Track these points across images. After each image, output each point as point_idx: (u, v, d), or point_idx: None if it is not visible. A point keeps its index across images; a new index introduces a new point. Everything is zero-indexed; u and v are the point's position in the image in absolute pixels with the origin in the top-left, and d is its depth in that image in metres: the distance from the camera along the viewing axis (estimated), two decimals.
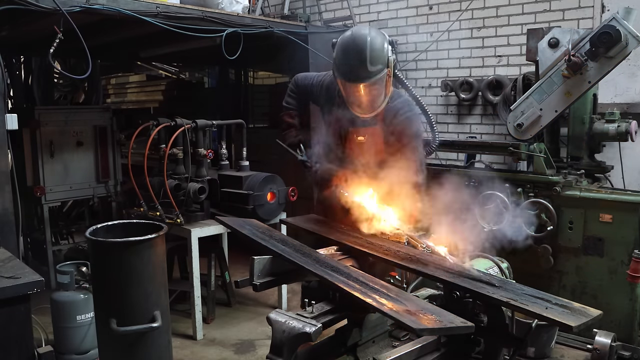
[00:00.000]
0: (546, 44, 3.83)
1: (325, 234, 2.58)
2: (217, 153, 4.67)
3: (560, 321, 1.69)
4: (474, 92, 5.37)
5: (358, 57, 2.43)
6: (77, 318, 3.60)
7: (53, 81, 6.54)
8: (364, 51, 2.42)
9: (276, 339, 1.82)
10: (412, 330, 1.58)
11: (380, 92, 2.56)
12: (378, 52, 2.44)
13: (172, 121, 4.29)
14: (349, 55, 2.46)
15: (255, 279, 2.07)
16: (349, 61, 2.46)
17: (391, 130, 2.67)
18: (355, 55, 2.44)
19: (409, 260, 2.22)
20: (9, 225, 3.07)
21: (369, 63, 2.42)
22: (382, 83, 2.52)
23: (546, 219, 3.76)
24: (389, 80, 2.55)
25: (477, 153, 4.81)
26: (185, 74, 8.76)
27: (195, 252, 4.06)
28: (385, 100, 2.62)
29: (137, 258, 2.50)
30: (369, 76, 2.45)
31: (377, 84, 2.50)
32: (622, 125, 4.00)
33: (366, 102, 2.58)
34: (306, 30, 4.76)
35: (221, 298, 4.83)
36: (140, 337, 2.52)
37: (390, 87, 2.61)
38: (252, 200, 4.20)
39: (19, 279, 2.12)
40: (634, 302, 3.55)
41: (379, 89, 2.54)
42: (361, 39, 2.44)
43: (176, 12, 3.80)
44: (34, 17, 3.40)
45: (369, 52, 2.42)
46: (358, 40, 2.45)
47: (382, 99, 2.60)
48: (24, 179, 4.99)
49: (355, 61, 2.43)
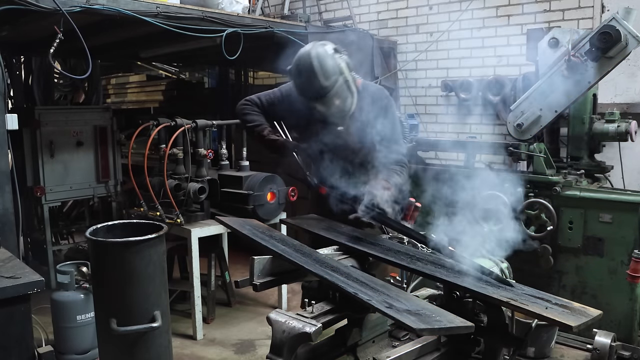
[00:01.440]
0: (546, 44, 3.83)
1: (325, 233, 2.58)
2: (217, 153, 4.67)
3: (560, 321, 1.69)
4: (474, 92, 5.37)
5: (310, 76, 2.52)
6: (77, 318, 3.61)
7: (53, 81, 6.53)
8: (313, 69, 2.50)
9: (276, 339, 1.81)
10: (412, 330, 1.58)
11: (345, 96, 2.63)
12: (327, 65, 2.52)
13: (172, 121, 4.29)
14: (302, 76, 2.56)
15: (255, 279, 2.07)
16: (304, 83, 2.57)
17: (370, 114, 2.73)
18: (308, 76, 2.53)
19: (409, 260, 2.22)
20: (9, 225, 3.07)
21: (323, 78, 2.51)
22: (344, 89, 2.60)
23: (546, 219, 3.76)
24: (349, 83, 2.62)
25: (477, 153, 4.82)
26: (185, 74, 8.75)
27: (195, 252, 4.06)
28: (354, 101, 2.69)
29: (137, 258, 2.50)
30: (327, 90, 2.53)
31: (339, 92, 2.58)
32: (622, 125, 4.00)
33: (336, 111, 2.65)
34: (306, 30, 4.75)
35: (221, 298, 4.83)
36: (140, 337, 2.52)
37: (353, 88, 2.67)
38: (252, 200, 4.20)
39: (19, 279, 2.12)
40: (634, 302, 3.55)
41: (342, 96, 2.62)
42: (307, 59, 2.53)
43: (176, 12, 3.79)
44: (34, 17, 3.40)
45: (319, 69, 2.50)
46: (305, 61, 2.54)
47: (350, 101, 2.68)
48: (24, 179, 4.99)
49: (310, 81, 2.53)
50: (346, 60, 2.62)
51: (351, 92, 2.66)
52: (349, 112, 2.69)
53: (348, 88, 2.63)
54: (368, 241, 2.47)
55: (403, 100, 6.02)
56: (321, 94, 2.55)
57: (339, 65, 2.56)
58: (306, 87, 2.58)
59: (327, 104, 2.60)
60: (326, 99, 2.56)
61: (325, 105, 2.61)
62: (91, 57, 3.30)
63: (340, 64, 2.56)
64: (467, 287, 1.96)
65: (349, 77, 2.61)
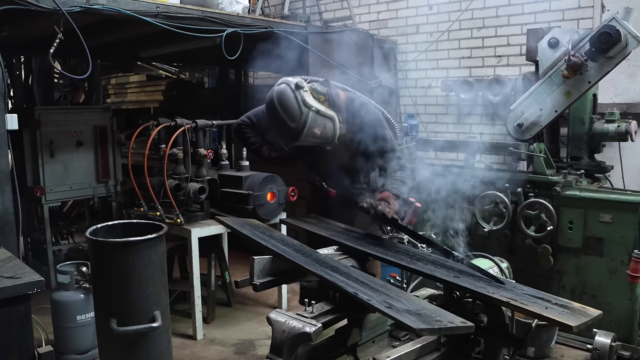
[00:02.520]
0: (546, 44, 3.83)
1: (325, 233, 2.58)
2: (217, 153, 4.67)
3: (560, 321, 1.70)
4: (474, 92, 5.37)
5: (279, 123, 2.54)
6: (77, 318, 3.61)
7: (53, 81, 6.53)
8: (280, 116, 2.51)
9: (276, 339, 1.82)
10: (412, 330, 1.58)
11: (322, 124, 2.57)
12: (291, 108, 2.49)
13: (172, 121, 4.29)
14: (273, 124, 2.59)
15: (255, 279, 2.07)
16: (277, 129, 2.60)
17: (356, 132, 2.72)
18: (277, 123, 2.55)
19: (408, 260, 2.23)
20: (9, 225, 3.07)
21: (290, 122, 2.50)
22: (317, 119, 2.54)
23: (546, 219, 3.76)
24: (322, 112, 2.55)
25: (477, 153, 4.82)
26: (185, 74, 8.75)
27: (195, 252, 4.06)
28: (335, 124, 2.61)
29: (137, 258, 2.50)
30: (298, 130, 2.51)
31: (313, 125, 2.53)
32: (622, 125, 4.01)
33: (320, 139, 2.62)
34: (306, 30, 4.75)
35: (221, 298, 4.83)
36: (140, 337, 2.52)
37: (330, 112, 2.59)
38: (252, 200, 4.20)
39: (19, 279, 2.12)
40: (634, 302, 3.55)
41: (319, 124, 2.56)
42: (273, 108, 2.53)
43: (176, 12, 3.79)
44: (34, 17, 3.40)
45: (284, 115, 2.50)
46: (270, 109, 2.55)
47: (331, 125, 2.60)
48: (24, 179, 4.98)
49: (281, 128, 2.55)
50: (312, 89, 2.56)
51: (329, 117, 2.58)
52: (334, 135, 2.62)
53: (324, 116, 2.56)
54: (368, 241, 2.47)
55: (403, 100, 6.03)
56: (295, 136, 2.53)
57: (304, 101, 2.49)
58: (280, 133, 2.60)
59: (307, 138, 2.57)
60: (303, 136, 2.53)
61: (306, 140, 2.58)
62: (91, 57, 3.30)
63: (305, 99, 2.49)
64: (467, 287, 1.96)
65: (319, 107, 2.53)
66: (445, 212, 3.19)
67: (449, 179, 3.33)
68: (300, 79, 2.55)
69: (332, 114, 2.59)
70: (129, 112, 7.78)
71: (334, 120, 2.60)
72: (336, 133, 2.62)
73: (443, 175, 3.32)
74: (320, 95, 2.58)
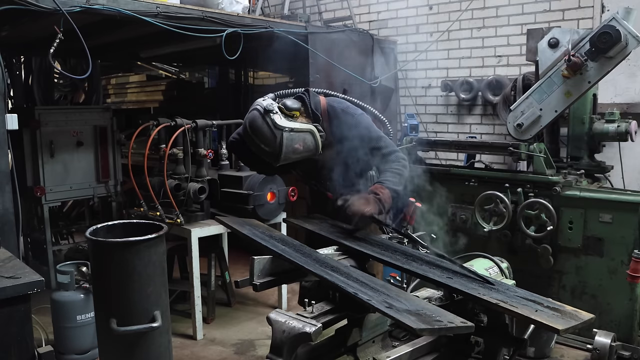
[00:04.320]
0: (546, 44, 3.83)
1: (325, 233, 2.58)
2: (217, 153, 4.67)
3: (548, 324, 1.68)
4: (474, 92, 5.37)
5: (258, 150, 2.56)
6: (77, 318, 3.61)
7: (53, 81, 6.54)
8: (256, 144, 2.53)
9: (276, 339, 1.82)
10: (412, 330, 1.58)
11: (302, 138, 2.56)
12: (263, 134, 2.49)
13: (172, 121, 4.29)
14: (255, 150, 2.58)
15: (255, 279, 2.07)
16: (260, 154, 2.58)
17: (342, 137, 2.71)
18: (256, 150, 2.57)
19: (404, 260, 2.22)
20: (9, 225, 3.07)
21: (267, 147, 2.51)
22: (294, 137, 2.53)
23: (546, 219, 3.76)
24: (298, 128, 2.54)
25: (477, 153, 4.82)
26: (185, 74, 8.75)
27: (195, 252, 4.06)
28: (316, 134, 2.60)
29: (137, 258, 2.50)
30: (276, 152, 2.51)
31: (290, 143, 2.52)
32: (622, 125, 4.00)
33: (303, 153, 2.60)
34: (306, 30, 4.75)
35: (221, 298, 4.83)
36: (140, 337, 2.52)
37: (308, 126, 2.58)
38: (252, 200, 4.20)
39: (19, 279, 2.12)
40: (634, 302, 3.55)
41: (299, 140, 2.55)
42: (248, 136, 2.55)
43: (176, 12, 3.80)
44: (34, 17, 3.40)
45: (260, 141, 2.51)
46: (247, 138, 2.57)
47: (311, 138, 2.59)
48: (24, 179, 4.98)
49: (261, 153, 2.57)
50: (283, 107, 2.54)
51: (307, 131, 2.57)
52: (316, 146, 2.61)
53: (300, 131, 2.54)
54: (367, 241, 2.47)
55: (403, 100, 6.03)
56: (275, 158, 2.54)
57: (274, 124, 2.48)
58: (263, 157, 2.59)
59: (289, 156, 2.55)
60: (284, 155, 2.52)
61: (290, 157, 2.57)
62: (91, 57, 3.30)
63: (276, 122, 2.48)
64: (458, 288, 1.95)
65: (293, 125, 2.52)
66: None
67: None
68: (270, 101, 2.53)
69: (309, 127, 2.57)
70: (129, 112, 7.78)
71: (312, 133, 2.58)
72: (318, 144, 2.60)
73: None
74: (294, 112, 2.56)
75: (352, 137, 2.69)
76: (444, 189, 3.68)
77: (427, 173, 3.31)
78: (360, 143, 2.70)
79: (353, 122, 2.72)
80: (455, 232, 4.09)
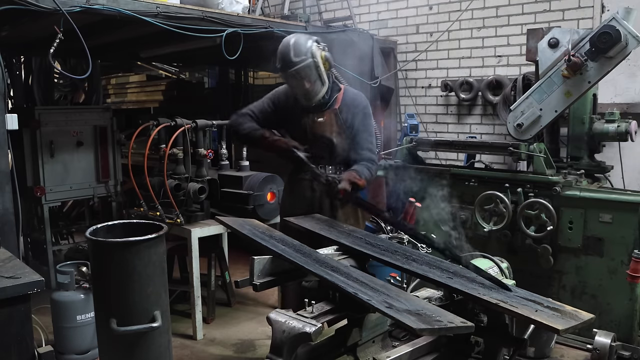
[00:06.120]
0: (546, 44, 3.83)
1: (325, 233, 2.59)
2: (217, 153, 4.67)
3: (547, 324, 1.68)
4: (474, 92, 5.37)
5: (284, 51, 2.94)
6: (77, 318, 3.61)
7: (53, 81, 6.53)
8: (287, 46, 2.93)
9: (276, 339, 1.82)
10: (412, 330, 1.58)
11: (313, 79, 2.94)
12: (299, 45, 2.92)
13: (172, 121, 4.28)
14: (279, 51, 2.97)
15: (255, 279, 2.07)
16: (279, 55, 2.96)
17: (348, 115, 3.06)
18: (282, 51, 2.95)
19: (404, 260, 2.22)
20: (9, 225, 3.07)
21: (293, 55, 2.90)
22: (312, 71, 2.92)
23: (546, 219, 3.76)
24: (320, 70, 2.94)
25: (477, 153, 4.82)
26: (185, 74, 8.76)
27: (195, 252, 4.06)
28: (324, 89, 3.00)
29: (137, 258, 2.50)
30: (293, 65, 2.89)
31: (306, 72, 2.91)
32: (622, 125, 4.00)
33: (305, 90, 2.96)
34: (306, 30, 4.75)
35: (221, 298, 4.83)
36: (140, 337, 2.52)
37: (325, 77, 2.98)
38: (252, 200, 4.20)
39: (19, 279, 2.12)
40: (634, 302, 3.55)
41: (311, 78, 2.93)
42: (287, 40, 2.98)
43: (176, 12, 3.79)
44: (34, 17, 3.40)
45: (292, 46, 2.92)
46: (285, 41, 2.98)
47: (320, 86, 2.98)
48: (24, 179, 4.98)
49: (282, 55, 2.94)
50: (325, 54, 2.96)
51: (322, 80, 2.97)
52: (314, 96, 2.98)
53: (318, 74, 2.94)
54: (367, 241, 2.48)
55: (403, 100, 6.03)
56: (288, 67, 2.89)
57: (312, 50, 2.91)
58: (280, 59, 2.94)
59: (295, 79, 2.92)
60: (294, 73, 2.89)
61: (294, 79, 2.93)
62: (91, 57, 3.29)
63: (314, 50, 2.91)
64: (458, 288, 1.95)
65: (320, 65, 2.92)
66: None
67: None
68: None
69: (325, 80, 2.98)
70: (129, 112, 7.78)
71: (323, 86, 2.99)
72: (317, 96, 2.98)
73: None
74: (327, 63, 2.97)
75: (357, 122, 3.04)
76: (444, 188, 3.68)
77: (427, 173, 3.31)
78: (357, 125, 3.04)
79: (360, 107, 3.10)
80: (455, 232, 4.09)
